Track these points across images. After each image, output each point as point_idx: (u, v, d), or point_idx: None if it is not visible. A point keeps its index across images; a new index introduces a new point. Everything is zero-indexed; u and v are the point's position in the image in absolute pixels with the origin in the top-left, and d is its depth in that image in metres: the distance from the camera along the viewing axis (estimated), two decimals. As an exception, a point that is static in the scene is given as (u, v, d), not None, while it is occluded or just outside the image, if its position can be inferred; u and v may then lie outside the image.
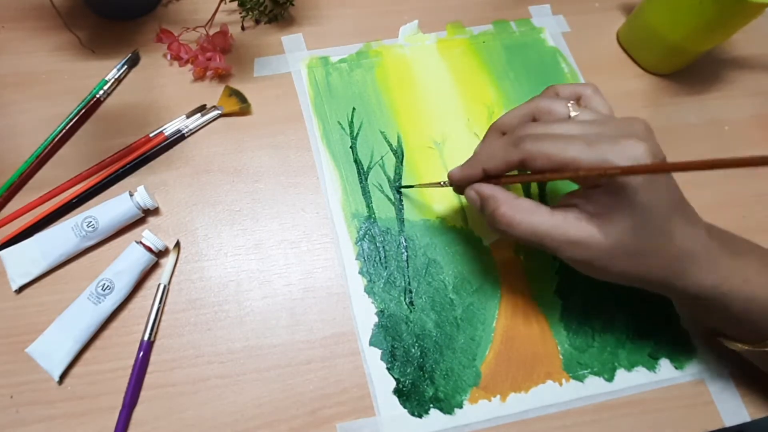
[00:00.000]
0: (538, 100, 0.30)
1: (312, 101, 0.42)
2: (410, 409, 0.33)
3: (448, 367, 0.34)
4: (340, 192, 0.39)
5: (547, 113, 0.29)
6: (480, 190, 0.29)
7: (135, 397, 0.32)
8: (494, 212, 0.28)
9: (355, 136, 0.41)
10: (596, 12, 0.48)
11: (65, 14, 0.42)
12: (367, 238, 0.37)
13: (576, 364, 0.35)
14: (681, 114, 0.44)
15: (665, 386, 0.35)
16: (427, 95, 0.43)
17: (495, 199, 0.28)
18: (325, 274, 0.36)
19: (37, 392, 0.32)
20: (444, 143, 0.41)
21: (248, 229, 0.38)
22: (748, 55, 0.48)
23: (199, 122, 0.40)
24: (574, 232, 0.26)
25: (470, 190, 0.30)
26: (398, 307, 0.36)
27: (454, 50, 0.45)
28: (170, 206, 0.38)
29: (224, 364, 0.34)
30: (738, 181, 0.42)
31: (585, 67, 0.45)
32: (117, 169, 0.38)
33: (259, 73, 0.43)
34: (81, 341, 0.33)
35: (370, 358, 0.34)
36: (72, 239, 0.35)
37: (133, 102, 0.41)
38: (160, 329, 0.34)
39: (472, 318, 0.36)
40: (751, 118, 0.45)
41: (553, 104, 0.29)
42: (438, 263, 0.37)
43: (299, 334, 0.35)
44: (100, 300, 0.33)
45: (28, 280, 0.34)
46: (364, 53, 0.44)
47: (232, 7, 0.45)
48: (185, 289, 0.35)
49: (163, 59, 0.43)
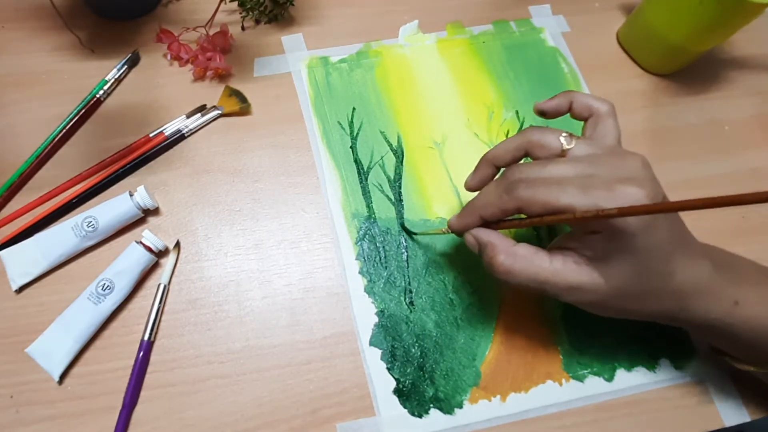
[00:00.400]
0: (530, 132, 0.29)
1: (312, 101, 0.42)
2: (410, 409, 0.33)
3: (448, 367, 0.34)
4: (340, 192, 0.39)
5: (540, 147, 0.28)
6: (478, 236, 0.29)
7: (135, 397, 0.32)
8: (492, 260, 0.27)
9: (355, 136, 0.41)
10: (596, 12, 0.48)
11: (65, 14, 0.42)
12: (367, 238, 0.37)
13: (576, 364, 0.35)
14: (681, 114, 0.44)
15: (665, 386, 0.35)
16: (427, 95, 0.43)
17: (493, 246, 0.28)
18: (325, 274, 0.36)
19: (37, 392, 0.32)
20: (444, 143, 0.41)
21: (248, 229, 0.38)
22: (748, 55, 0.48)
23: (199, 122, 0.40)
24: (574, 277, 0.26)
25: (468, 235, 0.30)
26: (398, 307, 0.36)
27: (454, 50, 0.45)
28: (170, 206, 0.38)
29: (224, 364, 0.34)
30: (738, 181, 0.42)
31: (585, 67, 0.45)
32: (117, 169, 0.38)
33: (259, 73, 0.43)
34: (81, 341, 0.33)
35: (370, 358, 0.34)
36: (72, 239, 0.35)
37: (133, 102, 0.41)
38: (160, 329, 0.34)
39: (472, 318, 0.36)
40: (751, 118, 0.45)
41: (546, 137, 0.28)
42: (438, 263, 0.37)
43: (299, 334, 0.35)
44: (100, 300, 0.33)
45: (28, 280, 0.34)
46: (364, 53, 0.44)
47: (232, 7, 0.45)
48: (185, 289, 0.35)
49: (163, 59, 0.43)
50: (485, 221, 0.29)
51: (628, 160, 0.26)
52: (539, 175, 0.27)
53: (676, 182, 0.41)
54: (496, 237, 0.28)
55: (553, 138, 0.28)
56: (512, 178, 0.27)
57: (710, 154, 0.43)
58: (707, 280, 0.27)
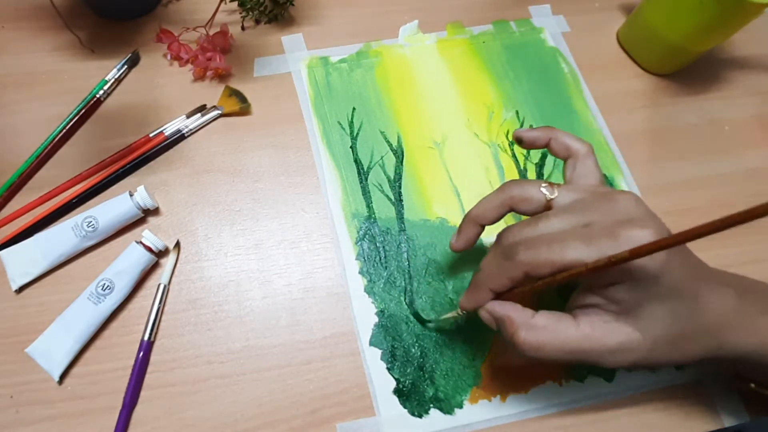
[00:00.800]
0: (509, 188, 0.28)
1: (312, 101, 0.42)
2: (410, 409, 0.33)
3: (448, 367, 0.34)
4: (340, 192, 0.39)
5: (523, 201, 0.27)
6: (492, 311, 0.27)
7: (135, 397, 0.32)
8: (514, 338, 0.26)
9: (355, 136, 0.41)
10: (596, 12, 0.48)
11: (65, 14, 0.42)
12: (367, 238, 0.37)
13: (576, 364, 0.35)
14: (681, 114, 0.44)
15: (665, 386, 0.34)
16: (427, 95, 0.43)
17: (511, 321, 0.26)
18: (325, 274, 0.36)
19: (37, 392, 0.32)
20: (444, 143, 0.41)
21: (248, 229, 0.38)
22: (748, 55, 0.48)
23: (199, 122, 0.40)
24: (610, 338, 0.25)
25: (483, 311, 0.28)
26: (398, 307, 0.36)
27: (454, 50, 0.45)
28: (170, 206, 0.38)
29: (224, 364, 0.34)
30: (738, 181, 0.42)
31: (585, 67, 0.45)
32: (117, 169, 0.38)
33: (259, 73, 0.43)
34: (81, 341, 0.33)
35: (370, 358, 0.34)
36: (72, 239, 0.35)
37: (133, 102, 0.41)
38: (160, 329, 0.34)
39: (472, 318, 0.36)
40: (751, 118, 0.45)
41: (527, 190, 0.27)
42: (438, 263, 0.37)
43: (299, 334, 0.35)
44: (100, 300, 0.33)
45: (28, 280, 0.34)
46: (364, 53, 0.44)
47: (232, 7, 0.45)
48: (185, 289, 0.35)
49: (163, 59, 0.43)
50: (496, 293, 0.27)
51: (619, 201, 0.25)
52: (534, 234, 0.25)
53: (676, 182, 0.41)
54: (512, 309, 0.26)
55: (534, 190, 0.27)
56: (507, 243, 0.26)
57: (710, 154, 0.43)
58: (737, 311, 0.26)
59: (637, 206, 0.25)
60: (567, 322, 0.26)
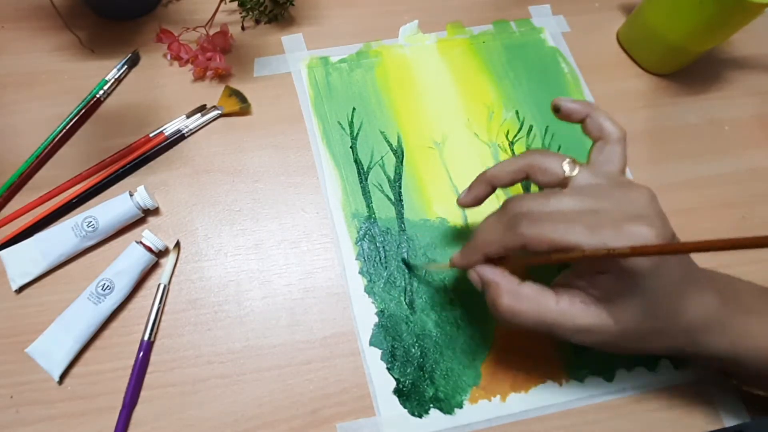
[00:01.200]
0: (533, 155, 0.28)
1: (312, 101, 0.42)
2: (410, 409, 0.33)
3: (448, 367, 0.34)
4: (340, 192, 0.39)
5: (541, 171, 0.27)
6: (481, 274, 0.28)
7: (135, 397, 0.32)
8: (495, 301, 0.26)
9: (355, 136, 0.41)
10: (596, 12, 0.48)
11: (65, 14, 0.42)
12: (367, 238, 0.37)
13: (576, 364, 0.35)
14: (681, 114, 0.44)
15: (665, 386, 0.34)
16: (427, 95, 0.43)
17: (497, 286, 0.27)
18: (325, 274, 0.36)
19: (37, 392, 0.32)
20: (444, 143, 0.41)
21: (248, 229, 0.38)
22: (748, 55, 0.48)
23: (199, 122, 0.40)
24: (582, 319, 0.25)
25: (472, 272, 0.28)
26: (398, 307, 0.36)
27: (454, 50, 0.45)
28: (170, 206, 0.38)
29: (224, 364, 0.34)
30: (738, 181, 0.42)
31: (585, 67, 0.45)
32: (117, 169, 0.38)
33: (259, 73, 0.43)
34: (81, 341, 0.33)
35: (370, 358, 0.34)
36: (72, 239, 0.35)
37: (133, 102, 0.41)
38: (160, 329, 0.34)
39: (472, 318, 0.36)
40: (751, 118, 0.45)
41: (549, 161, 0.27)
42: (438, 263, 0.37)
43: (299, 334, 0.35)
44: (100, 300, 0.33)
45: (28, 280, 0.34)
46: (364, 53, 0.44)
47: (232, 7, 0.45)
48: (185, 289, 0.35)
49: (163, 59, 0.43)
50: (489, 258, 0.28)
51: (633, 195, 0.25)
52: (543, 209, 0.25)
53: (676, 182, 0.41)
54: (500, 276, 0.27)
55: (556, 163, 0.27)
56: (514, 212, 0.26)
57: (710, 154, 0.43)
58: (716, 314, 0.26)
59: (649, 203, 0.25)
60: (548, 296, 0.26)
